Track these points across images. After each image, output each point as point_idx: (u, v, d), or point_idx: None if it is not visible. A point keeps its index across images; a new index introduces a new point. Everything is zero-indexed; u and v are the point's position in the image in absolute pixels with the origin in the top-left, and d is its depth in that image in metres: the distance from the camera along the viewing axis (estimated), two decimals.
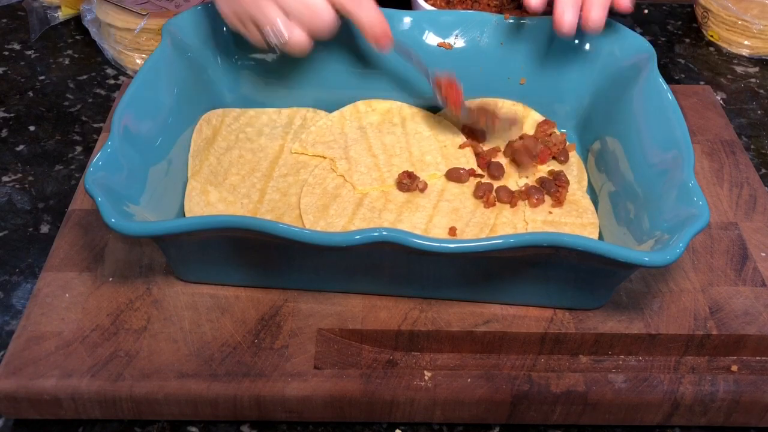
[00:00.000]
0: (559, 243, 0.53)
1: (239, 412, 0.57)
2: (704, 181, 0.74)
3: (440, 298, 0.62)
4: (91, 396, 0.56)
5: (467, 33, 0.77)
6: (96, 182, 0.56)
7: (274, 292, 0.62)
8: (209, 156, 0.71)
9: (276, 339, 0.59)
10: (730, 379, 0.58)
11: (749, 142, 0.87)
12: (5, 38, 1.00)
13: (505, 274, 0.59)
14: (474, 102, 0.74)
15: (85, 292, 0.62)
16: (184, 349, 0.58)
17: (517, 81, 0.78)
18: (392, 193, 0.70)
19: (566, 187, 0.70)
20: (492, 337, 0.60)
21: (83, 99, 0.90)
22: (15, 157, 0.81)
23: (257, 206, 0.68)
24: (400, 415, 0.58)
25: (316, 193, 0.69)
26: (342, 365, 0.58)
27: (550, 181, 0.70)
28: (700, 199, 0.57)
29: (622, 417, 0.58)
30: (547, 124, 0.76)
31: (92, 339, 0.59)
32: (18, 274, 0.69)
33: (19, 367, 0.57)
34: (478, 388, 0.57)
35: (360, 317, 0.60)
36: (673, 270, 0.65)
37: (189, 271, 0.62)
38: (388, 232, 0.53)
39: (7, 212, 0.75)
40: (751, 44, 1.01)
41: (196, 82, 0.72)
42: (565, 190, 0.69)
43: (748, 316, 0.61)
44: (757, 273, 0.65)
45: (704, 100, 0.85)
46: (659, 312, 0.61)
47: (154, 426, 0.58)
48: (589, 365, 0.60)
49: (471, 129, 0.76)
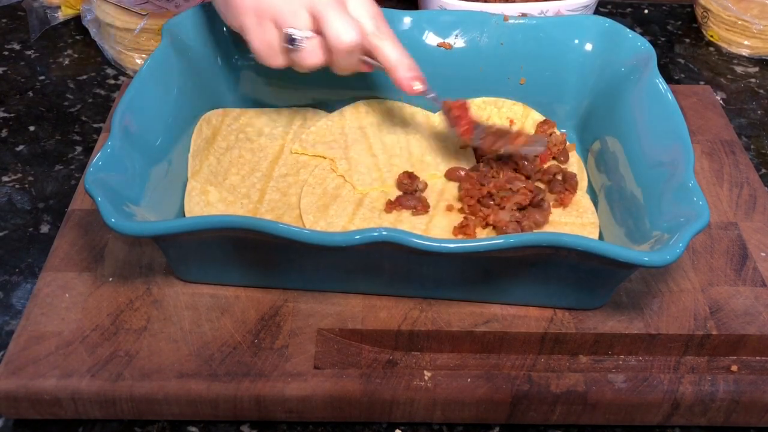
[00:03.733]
0: (559, 243, 0.53)
1: (239, 412, 0.57)
2: (704, 181, 0.74)
3: (440, 298, 0.62)
4: (91, 396, 0.56)
5: (467, 33, 0.77)
6: (96, 182, 0.56)
7: (274, 292, 0.62)
8: (209, 156, 0.71)
9: (276, 339, 0.59)
10: (730, 379, 0.58)
11: (749, 142, 0.87)
12: (5, 38, 1.00)
13: (505, 274, 0.59)
14: (492, 128, 0.71)
15: (85, 292, 0.62)
16: (184, 349, 0.58)
17: (517, 81, 0.78)
18: (392, 193, 0.70)
19: (573, 191, 0.69)
20: (492, 337, 0.60)
21: (83, 99, 0.90)
22: (15, 157, 0.81)
23: (257, 206, 0.68)
24: (400, 415, 0.58)
25: (316, 193, 0.69)
26: (342, 365, 0.58)
27: (560, 183, 0.70)
28: (700, 199, 0.57)
29: (622, 417, 0.58)
30: (547, 124, 0.76)
31: (92, 339, 0.59)
32: (18, 274, 0.69)
33: (19, 367, 0.57)
34: (478, 388, 0.57)
35: (360, 317, 0.60)
36: (673, 270, 0.65)
37: (189, 271, 0.62)
38: (388, 232, 0.53)
39: (7, 212, 0.75)
40: (751, 44, 1.01)
41: (196, 82, 0.72)
42: (571, 194, 0.69)
43: (748, 316, 0.61)
44: (757, 273, 0.65)
45: (704, 100, 0.85)
46: (659, 312, 0.61)
47: (154, 426, 0.58)
48: (589, 365, 0.60)
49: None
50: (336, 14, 0.62)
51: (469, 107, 0.70)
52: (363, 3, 0.65)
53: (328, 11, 0.62)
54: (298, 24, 0.63)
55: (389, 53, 0.65)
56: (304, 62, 0.65)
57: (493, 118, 0.77)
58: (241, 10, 0.64)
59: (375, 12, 0.66)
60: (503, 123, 0.77)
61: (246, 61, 0.76)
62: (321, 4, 0.62)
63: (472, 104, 0.77)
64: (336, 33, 0.62)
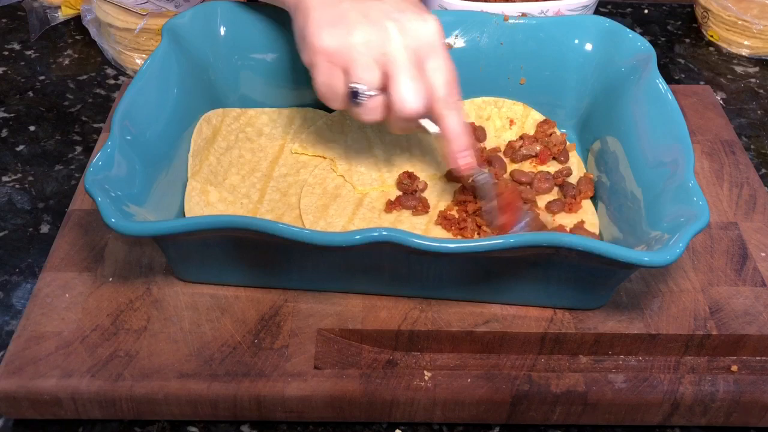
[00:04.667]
0: (559, 243, 0.53)
1: (239, 412, 0.57)
2: (704, 181, 0.74)
3: (440, 298, 0.62)
4: (91, 396, 0.56)
5: (467, 33, 0.77)
6: (96, 182, 0.56)
7: (274, 292, 0.62)
8: (209, 156, 0.71)
9: (276, 339, 0.59)
10: (730, 379, 0.58)
11: (749, 142, 0.87)
12: (5, 38, 1.00)
13: (505, 274, 0.59)
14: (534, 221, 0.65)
15: (85, 292, 0.62)
16: (184, 349, 0.58)
17: (517, 81, 0.78)
18: (392, 193, 0.70)
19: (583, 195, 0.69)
20: (492, 337, 0.60)
21: (83, 99, 0.90)
22: (15, 157, 0.81)
23: (257, 206, 0.68)
24: (400, 415, 0.58)
25: (316, 193, 0.69)
26: (342, 365, 0.58)
27: (573, 187, 0.70)
28: (700, 199, 0.57)
29: (622, 417, 0.58)
30: (547, 124, 0.76)
31: (92, 339, 0.59)
32: (18, 274, 0.69)
33: (19, 367, 0.57)
34: (478, 388, 0.57)
35: (360, 317, 0.60)
36: (673, 270, 0.65)
37: (189, 271, 0.62)
38: (388, 232, 0.53)
39: (7, 212, 0.75)
40: (751, 44, 1.01)
41: (196, 82, 0.72)
42: (582, 198, 0.69)
43: (748, 316, 0.61)
44: (757, 273, 0.65)
45: (704, 100, 0.85)
46: (659, 312, 0.61)
47: (154, 426, 0.58)
48: (589, 365, 0.60)
49: (472, 129, 0.76)
50: (407, 78, 0.59)
51: (521, 201, 0.66)
52: (442, 67, 0.61)
53: (401, 73, 0.59)
54: (367, 79, 0.60)
55: (452, 125, 0.62)
56: (363, 118, 0.62)
57: (493, 118, 0.77)
58: (315, 51, 0.61)
59: (451, 78, 0.62)
60: (503, 123, 0.77)
61: (246, 61, 0.76)
62: (396, 63, 0.59)
63: (472, 104, 0.77)
64: (402, 98, 0.60)
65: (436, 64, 0.61)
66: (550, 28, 0.76)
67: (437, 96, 0.61)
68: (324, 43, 0.60)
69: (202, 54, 0.74)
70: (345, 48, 0.60)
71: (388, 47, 0.59)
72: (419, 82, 0.60)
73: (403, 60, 0.60)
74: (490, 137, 0.77)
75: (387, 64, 0.60)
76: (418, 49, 0.60)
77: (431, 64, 0.61)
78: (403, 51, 0.60)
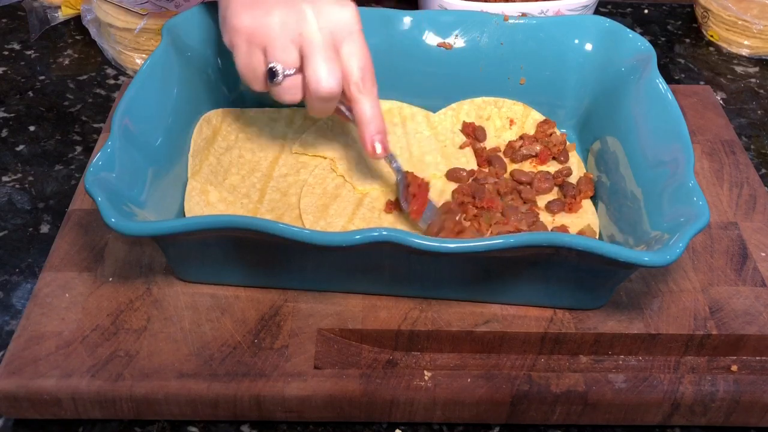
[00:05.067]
0: (559, 243, 0.53)
1: (239, 412, 0.57)
2: (704, 181, 0.74)
3: (440, 298, 0.62)
4: (91, 396, 0.56)
5: (467, 33, 0.77)
6: (96, 182, 0.56)
7: (274, 292, 0.62)
8: (209, 156, 0.71)
9: (276, 339, 0.59)
10: (730, 379, 0.58)
11: (749, 142, 0.87)
12: (5, 38, 1.00)
13: (505, 274, 0.59)
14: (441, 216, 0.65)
15: (85, 292, 0.62)
16: (184, 349, 0.58)
17: (517, 81, 0.78)
18: (392, 193, 0.70)
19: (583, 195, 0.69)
20: (492, 337, 0.60)
21: (83, 99, 0.90)
22: (15, 157, 0.81)
23: (257, 206, 0.68)
24: (400, 415, 0.58)
25: (316, 193, 0.69)
26: (342, 365, 0.58)
27: (573, 187, 0.70)
28: (700, 199, 0.57)
29: (622, 417, 0.58)
30: (547, 124, 0.76)
31: (92, 339, 0.59)
32: (18, 274, 0.69)
33: (19, 367, 0.57)
34: (478, 388, 0.57)
35: (360, 317, 0.60)
36: (673, 270, 0.65)
37: (189, 271, 0.62)
38: (388, 232, 0.53)
39: (7, 212, 0.75)
40: (751, 44, 1.01)
41: (196, 82, 0.72)
42: (582, 197, 0.69)
43: (748, 316, 0.61)
44: (757, 273, 0.65)
45: (704, 100, 0.85)
46: (659, 312, 0.61)
47: (154, 426, 0.58)
48: (589, 365, 0.60)
49: (471, 129, 0.76)
50: (322, 58, 0.61)
51: (429, 189, 0.67)
52: (357, 52, 0.63)
53: (316, 53, 0.61)
54: (285, 59, 0.61)
55: (365, 109, 0.64)
56: (281, 98, 0.63)
57: (493, 118, 0.77)
58: (235, 31, 0.63)
59: (365, 64, 0.63)
60: (503, 123, 0.77)
61: None
62: (312, 44, 0.61)
63: (473, 104, 0.77)
64: (316, 77, 0.61)
65: (351, 48, 0.63)
66: (550, 28, 0.76)
67: (351, 80, 0.63)
68: (243, 23, 0.62)
69: (202, 54, 0.74)
70: (263, 27, 0.61)
71: (304, 28, 0.61)
72: (334, 63, 0.61)
73: (318, 41, 0.61)
74: (490, 137, 0.77)
75: (303, 45, 0.61)
76: (334, 32, 0.62)
77: (347, 48, 0.62)
78: (318, 33, 0.61)
